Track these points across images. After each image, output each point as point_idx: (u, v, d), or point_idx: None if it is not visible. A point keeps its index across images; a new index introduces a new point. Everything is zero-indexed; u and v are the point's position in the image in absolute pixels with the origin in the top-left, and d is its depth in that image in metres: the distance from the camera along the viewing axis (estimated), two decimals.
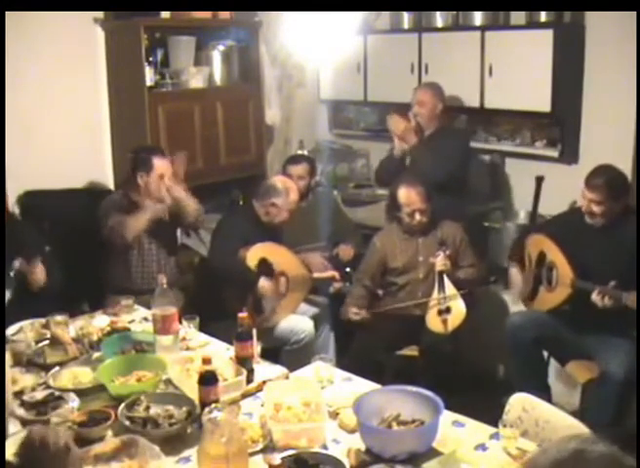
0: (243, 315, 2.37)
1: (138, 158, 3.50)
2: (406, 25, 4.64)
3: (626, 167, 3.72)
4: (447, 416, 2.00)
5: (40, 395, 2.17)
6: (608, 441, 1.15)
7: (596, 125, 3.98)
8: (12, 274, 2.77)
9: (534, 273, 3.31)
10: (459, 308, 3.34)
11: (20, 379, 2.30)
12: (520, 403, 2.11)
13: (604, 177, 3.00)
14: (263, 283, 3.30)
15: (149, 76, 3.96)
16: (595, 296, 2.89)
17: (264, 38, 4.57)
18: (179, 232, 3.89)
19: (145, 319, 2.87)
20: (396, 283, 3.56)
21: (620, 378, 2.84)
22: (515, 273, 3.42)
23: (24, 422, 2.02)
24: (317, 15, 4.52)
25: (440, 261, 3.36)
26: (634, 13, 3.46)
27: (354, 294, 3.59)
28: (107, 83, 4.12)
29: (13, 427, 1.95)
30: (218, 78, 4.40)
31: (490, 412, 2.09)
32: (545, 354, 3.35)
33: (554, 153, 4.11)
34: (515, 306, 3.66)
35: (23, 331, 2.65)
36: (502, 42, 4.04)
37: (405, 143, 3.88)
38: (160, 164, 3.45)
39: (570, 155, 4.07)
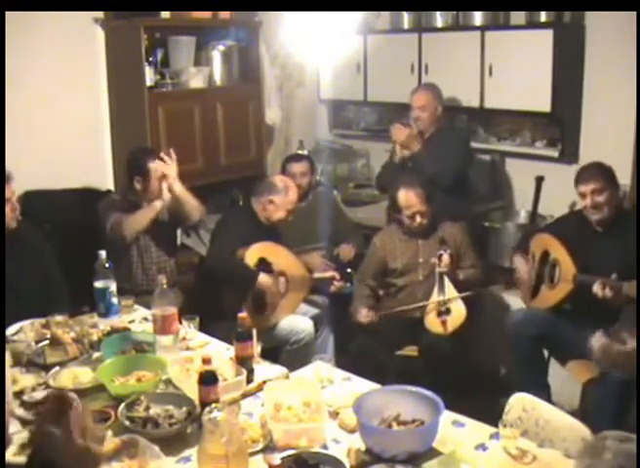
0: (243, 315, 2.37)
1: (132, 163, 3.50)
2: (406, 25, 4.64)
3: (626, 167, 3.73)
4: (447, 416, 2.00)
5: (40, 395, 2.17)
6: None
7: (596, 125, 3.99)
8: None
9: (536, 272, 3.32)
10: (459, 310, 3.34)
11: (20, 379, 2.30)
12: (520, 403, 2.11)
13: (594, 168, 3.10)
14: (263, 278, 3.30)
15: (149, 76, 3.96)
16: (596, 287, 2.92)
17: (264, 38, 4.57)
18: (178, 232, 3.89)
19: (145, 319, 2.87)
20: (395, 284, 3.56)
21: (620, 378, 2.83)
22: (521, 263, 3.41)
23: (24, 422, 2.03)
24: (317, 15, 4.52)
25: (443, 262, 3.36)
26: (634, 13, 3.46)
27: (360, 295, 3.57)
28: (107, 83, 4.12)
29: (13, 427, 1.95)
30: (218, 78, 4.39)
31: (490, 412, 2.09)
32: (546, 353, 3.36)
33: (554, 153, 4.11)
34: (515, 305, 3.67)
35: (23, 331, 2.65)
36: (502, 42, 4.04)
37: (408, 150, 3.83)
38: (156, 167, 3.43)
39: (570, 155, 4.07)
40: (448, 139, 3.87)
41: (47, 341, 2.53)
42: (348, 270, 3.80)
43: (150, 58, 3.98)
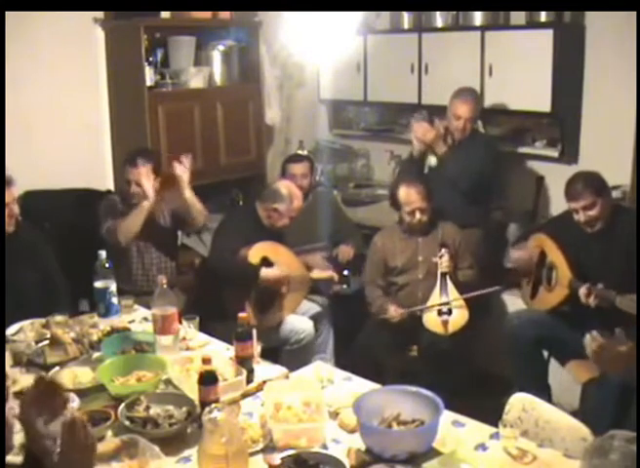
0: (243, 315, 2.37)
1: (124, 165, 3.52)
2: (406, 25, 4.64)
3: (626, 167, 3.73)
4: (447, 416, 2.00)
5: None
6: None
7: (596, 125, 3.98)
8: None
9: (534, 273, 3.32)
10: (462, 312, 3.33)
11: (19, 379, 2.29)
12: (520, 403, 2.11)
13: (581, 183, 3.02)
14: (266, 271, 3.30)
15: (149, 76, 3.96)
16: (581, 293, 2.93)
17: (264, 38, 4.57)
18: (179, 234, 3.89)
19: (145, 319, 2.87)
20: (396, 283, 3.56)
21: (620, 378, 2.83)
22: (520, 254, 3.38)
23: None
24: (317, 15, 4.52)
25: (444, 263, 3.35)
26: (634, 13, 3.46)
27: (376, 296, 3.54)
28: (107, 83, 4.12)
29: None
30: (218, 78, 4.40)
31: (490, 412, 2.09)
32: (545, 354, 3.35)
33: (554, 153, 4.10)
34: (515, 306, 3.67)
35: (23, 331, 2.65)
36: (502, 42, 4.03)
37: (433, 151, 3.80)
38: (138, 171, 3.43)
39: (570, 155, 4.07)
40: (479, 145, 3.83)
41: (47, 341, 2.53)
42: (346, 273, 3.79)
43: (150, 59, 3.98)
